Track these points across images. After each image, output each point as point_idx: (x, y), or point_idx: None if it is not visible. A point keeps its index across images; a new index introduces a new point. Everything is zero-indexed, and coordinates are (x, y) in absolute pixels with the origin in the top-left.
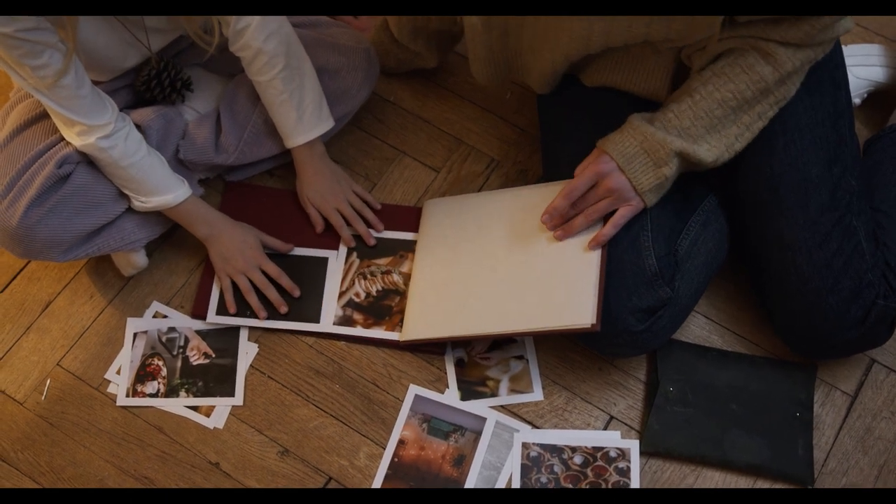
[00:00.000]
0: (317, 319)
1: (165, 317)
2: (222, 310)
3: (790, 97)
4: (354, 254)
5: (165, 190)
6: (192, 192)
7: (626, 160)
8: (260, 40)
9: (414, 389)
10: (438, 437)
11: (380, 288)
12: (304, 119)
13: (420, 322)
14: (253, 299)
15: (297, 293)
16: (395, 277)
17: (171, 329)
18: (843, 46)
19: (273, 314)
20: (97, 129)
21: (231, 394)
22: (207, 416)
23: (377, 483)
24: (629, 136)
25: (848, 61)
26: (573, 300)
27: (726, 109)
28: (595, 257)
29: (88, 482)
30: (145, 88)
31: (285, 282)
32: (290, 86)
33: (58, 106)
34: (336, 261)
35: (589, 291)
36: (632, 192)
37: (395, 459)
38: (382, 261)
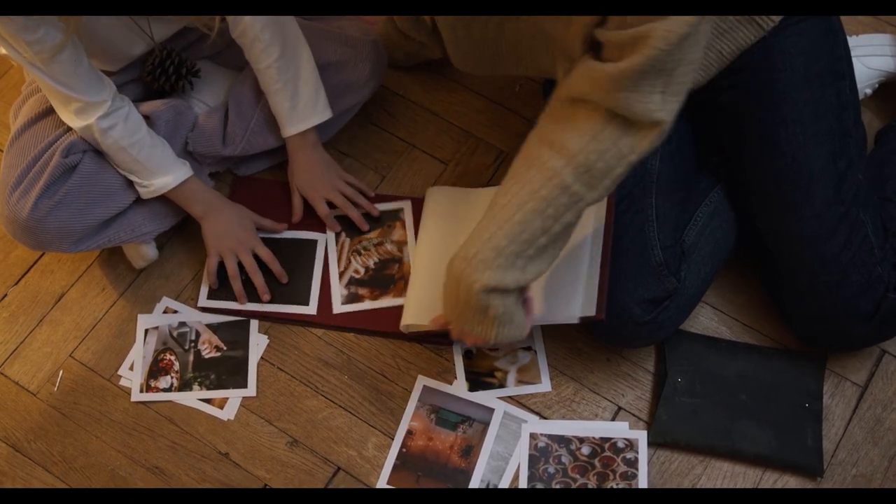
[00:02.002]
0: (306, 302)
1: (176, 312)
2: (213, 294)
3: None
4: (343, 233)
5: (166, 170)
6: (192, 174)
7: (460, 320)
8: (257, 28)
9: (422, 380)
10: (447, 427)
11: (377, 260)
12: (297, 109)
13: (419, 308)
14: (237, 285)
15: (284, 279)
16: (389, 246)
17: (182, 324)
18: (854, 36)
19: (256, 298)
20: (94, 106)
21: (244, 385)
22: (221, 408)
23: (385, 473)
24: (451, 291)
25: (859, 51)
26: (576, 291)
27: (526, 212)
28: (598, 247)
29: (100, 472)
30: (151, 79)
31: (276, 268)
32: (284, 76)
33: (54, 82)
34: (322, 244)
35: (592, 282)
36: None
37: (404, 450)
38: (372, 234)
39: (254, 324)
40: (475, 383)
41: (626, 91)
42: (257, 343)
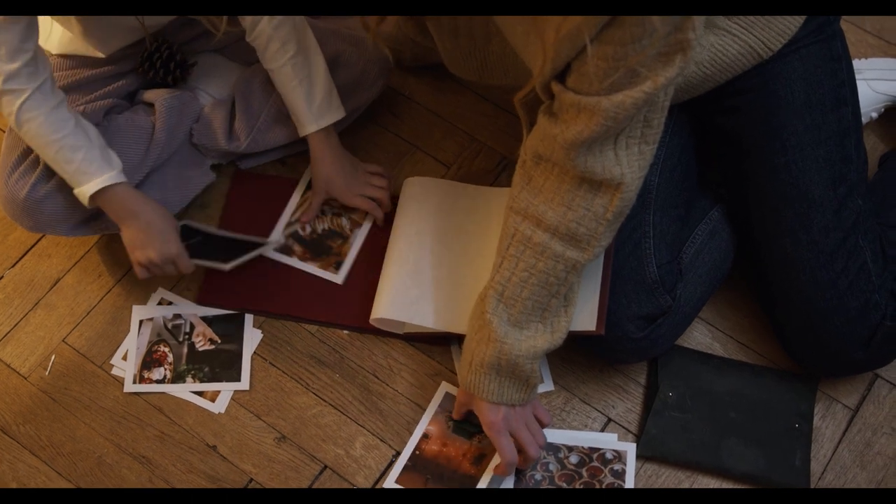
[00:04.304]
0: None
1: (171, 303)
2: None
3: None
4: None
5: (85, 179)
6: (116, 182)
7: (504, 397)
8: (272, 27)
9: (445, 387)
10: (462, 436)
11: (326, 227)
12: (314, 107)
13: (390, 302)
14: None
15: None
16: (343, 221)
17: (177, 316)
18: (863, 59)
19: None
20: (13, 89)
21: (237, 379)
22: (213, 401)
23: (395, 473)
24: (484, 376)
25: (868, 74)
26: (577, 305)
27: (532, 287)
28: (598, 262)
29: (87, 458)
30: (142, 71)
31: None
32: (300, 73)
33: None
34: (267, 250)
35: (592, 296)
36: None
37: (417, 452)
38: (336, 203)
39: (248, 318)
40: None
41: (580, 156)
42: (251, 337)
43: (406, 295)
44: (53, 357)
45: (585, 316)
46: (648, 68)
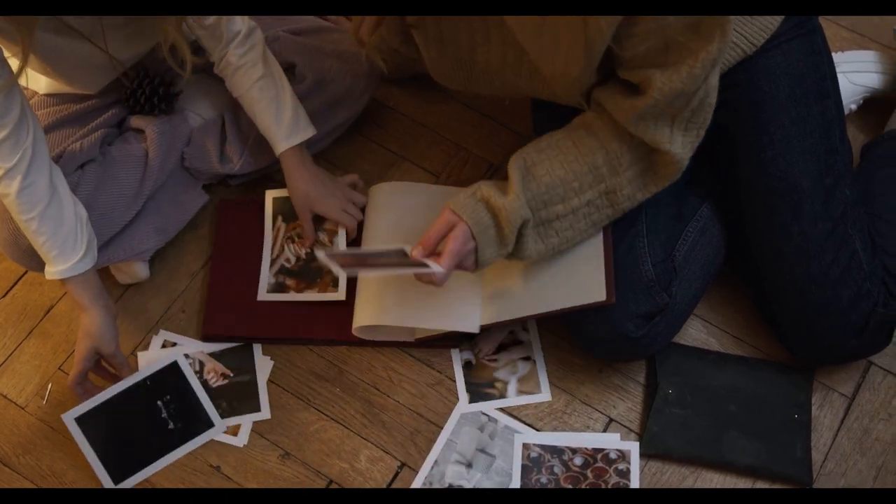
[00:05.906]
0: (209, 425)
1: (175, 344)
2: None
3: (623, 202)
4: (280, 217)
5: (49, 261)
6: (79, 272)
7: (482, 237)
8: (237, 55)
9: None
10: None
11: (308, 250)
12: (283, 126)
13: (372, 309)
14: (77, 390)
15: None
16: (321, 235)
17: (184, 356)
18: (839, 53)
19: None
20: None
21: (257, 409)
22: (235, 434)
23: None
24: (482, 211)
25: (844, 67)
26: (583, 278)
27: (553, 178)
28: (599, 234)
29: (90, 486)
30: (128, 105)
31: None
32: (267, 94)
33: None
34: (184, 362)
35: (597, 269)
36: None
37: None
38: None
39: (257, 347)
40: (476, 395)
41: (638, 123)
42: (263, 365)
43: (387, 299)
44: (50, 385)
45: (595, 287)
46: (688, 38)
